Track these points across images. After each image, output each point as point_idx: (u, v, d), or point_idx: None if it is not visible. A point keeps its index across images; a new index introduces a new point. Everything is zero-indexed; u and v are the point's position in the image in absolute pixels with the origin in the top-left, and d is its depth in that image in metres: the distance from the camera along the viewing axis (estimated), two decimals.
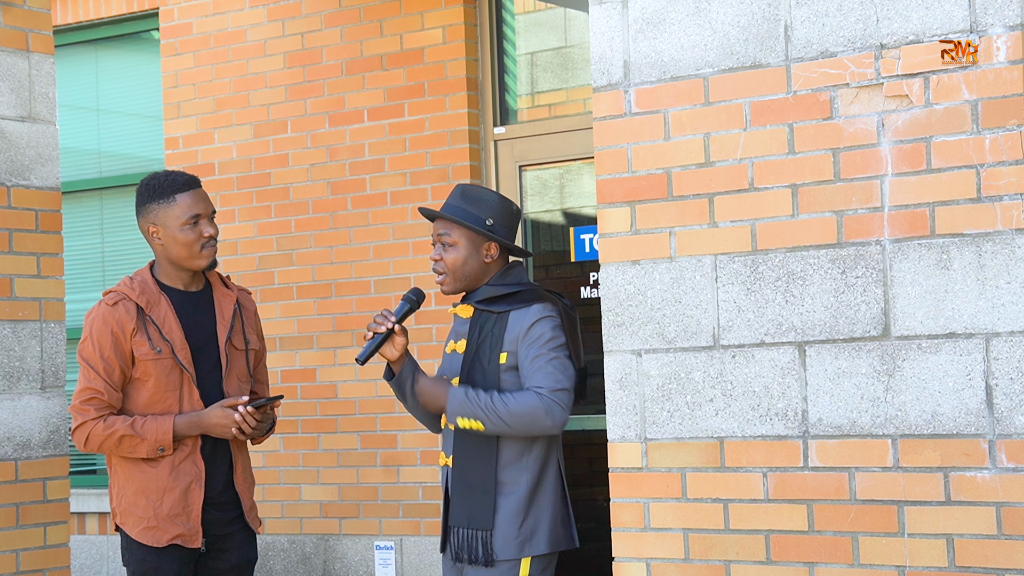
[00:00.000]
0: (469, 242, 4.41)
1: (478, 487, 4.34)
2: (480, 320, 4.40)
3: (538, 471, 4.35)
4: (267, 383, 5.01)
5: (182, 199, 4.73)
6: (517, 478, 4.33)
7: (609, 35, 4.10)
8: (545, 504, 4.35)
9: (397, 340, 4.44)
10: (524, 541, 4.31)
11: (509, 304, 4.35)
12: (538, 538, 4.33)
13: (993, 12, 3.58)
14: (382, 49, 7.84)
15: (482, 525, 4.32)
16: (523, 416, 4.24)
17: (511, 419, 4.24)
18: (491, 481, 4.33)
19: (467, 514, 4.35)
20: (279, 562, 8.15)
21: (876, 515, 3.71)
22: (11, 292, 5.62)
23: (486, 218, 4.39)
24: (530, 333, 4.29)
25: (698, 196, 3.97)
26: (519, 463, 4.34)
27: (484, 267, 4.42)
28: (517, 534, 4.31)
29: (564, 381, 4.28)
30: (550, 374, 4.26)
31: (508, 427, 4.25)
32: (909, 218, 3.68)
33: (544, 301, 4.35)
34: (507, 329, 4.32)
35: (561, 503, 4.39)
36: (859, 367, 3.74)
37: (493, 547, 4.31)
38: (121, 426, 4.66)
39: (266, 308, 8.07)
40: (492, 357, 4.33)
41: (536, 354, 4.28)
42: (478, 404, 4.26)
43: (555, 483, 4.39)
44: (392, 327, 4.41)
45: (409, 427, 7.63)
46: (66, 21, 9.07)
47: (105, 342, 4.67)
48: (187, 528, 4.70)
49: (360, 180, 7.89)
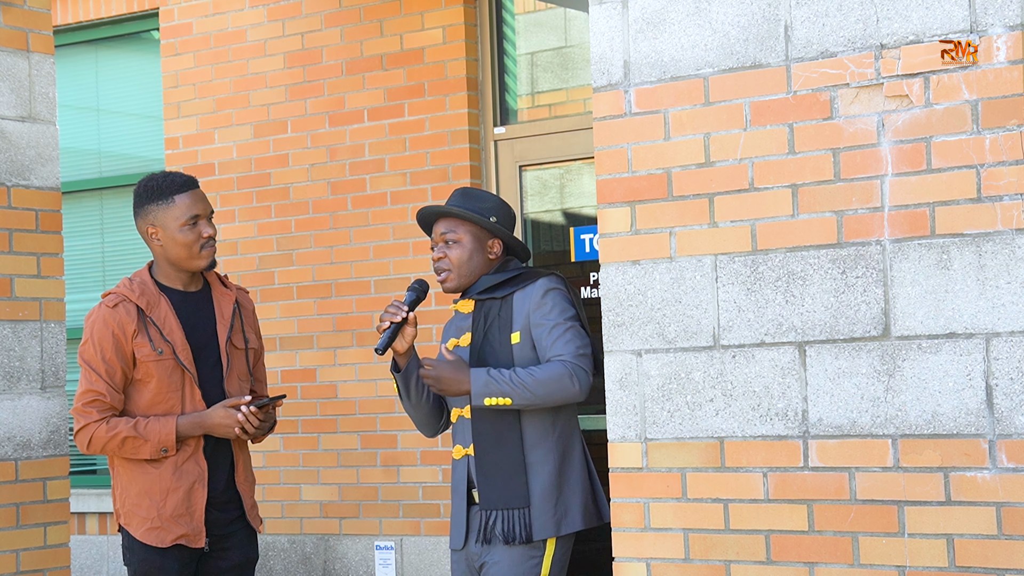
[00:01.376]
0: (474, 239, 4.46)
1: (507, 469, 4.41)
2: (484, 309, 4.44)
3: (563, 450, 4.44)
4: (266, 382, 5.02)
5: (180, 200, 4.73)
6: (544, 458, 4.41)
7: (609, 35, 4.10)
8: (575, 481, 4.45)
9: (407, 331, 4.49)
10: (560, 519, 4.42)
11: (511, 287, 4.40)
12: (573, 515, 4.43)
13: (993, 12, 3.58)
14: (382, 49, 7.84)
15: (519, 504, 4.39)
16: (549, 383, 4.31)
17: (538, 388, 4.31)
18: (520, 462, 4.40)
19: (501, 496, 4.41)
20: (279, 562, 8.15)
21: (876, 515, 3.71)
22: (11, 292, 5.62)
23: (490, 215, 4.46)
24: (542, 305, 4.36)
25: (698, 196, 3.97)
26: (544, 444, 4.41)
27: (488, 264, 4.48)
28: (553, 512, 4.40)
29: (584, 347, 4.37)
30: (570, 341, 4.35)
31: (536, 397, 4.32)
32: (909, 218, 3.68)
33: (549, 276, 4.43)
34: (514, 309, 4.37)
35: (588, 480, 4.49)
36: (859, 367, 3.74)
37: (531, 526, 4.37)
38: (124, 428, 4.66)
39: (266, 308, 8.08)
40: (503, 339, 4.37)
41: (553, 324, 4.35)
42: (503, 380, 4.31)
43: (581, 460, 4.49)
44: (406, 316, 4.44)
45: (409, 427, 7.62)
46: (66, 21, 9.07)
47: (106, 344, 4.67)
48: (191, 528, 4.70)
49: (360, 180, 7.89)
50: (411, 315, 4.47)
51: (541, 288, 4.37)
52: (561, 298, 4.38)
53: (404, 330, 4.47)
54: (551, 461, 4.41)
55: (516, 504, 4.39)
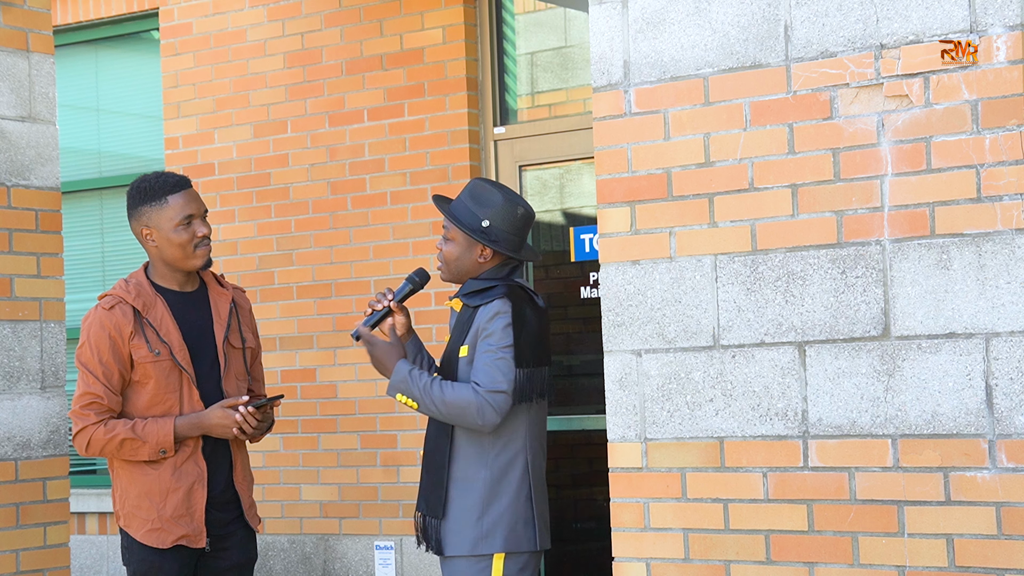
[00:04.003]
0: (464, 240, 4.46)
1: (434, 475, 4.42)
2: (463, 314, 4.45)
3: (499, 469, 4.36)
4: (263, 381, 5.01)
5: (174, 200, 4.73)
6: (475, 473, 4.37)
7: (609, 35, 4.10)
8: (507, 502, 4.36)
9: (397, 319, 4.50)
10: (480, 538, 4.34)
11: (481, 298, 4.40)
12: (495, 537, 4.34)
13: (993, 12, 3.58)
14: (382, 49, 7.84)
15: (435, 513, 4.39)
16: (455, 407, 4.30)
17: (444, 407, 4.31)
18: (444, 470, 4.38)
19: (424, 500, 4.43)
20: (279, 562, 8.15)
21: (876, 515, 3.71)
22: (11, 292, 5.62)
23: (483, 219, 4.40)
24: (486, 328, 4.34)
25: (698, 196, 3.97)
26: (479, 459, 4.36)
27: (477, 266, 4.46)
28: (473, 528, 4.33)
29: (502, 383, 4.30)
30: (490, 373, 4.30)
31: (440, 414, 4.34)
32: (909, 218, 3.68)
33: (504, 298, 4.36)
34: (473, 322, 4.38)
35: (526, 503, 4.39)
36: (859, 367, 3.74)
37: (444, 538, 4.34)
38: (122, 430, 4.65)
39: (266, 308, 8.07)
40: (457, 348, 4.39)
41: (484, 349, 4.34)
42: (417, 384, 4.33)
43: (519, 483, 4.39)
44: (389, 305, 4.46)
45: (409, 427, 7.63)
46: (66, 21, 9.07)
47: (103, 346, 4.67)
48: (191, 529, 4.70)
49: (360, 180, 7.89)
50: (394, 305, 4.49)
51: (492, 310, 4.35)
52: (502, 326, 4.31)
53: (395, 318, 4.51)
54: (481, 478, 4.35)
55: (432, 513, 4.39)
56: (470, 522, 4.34)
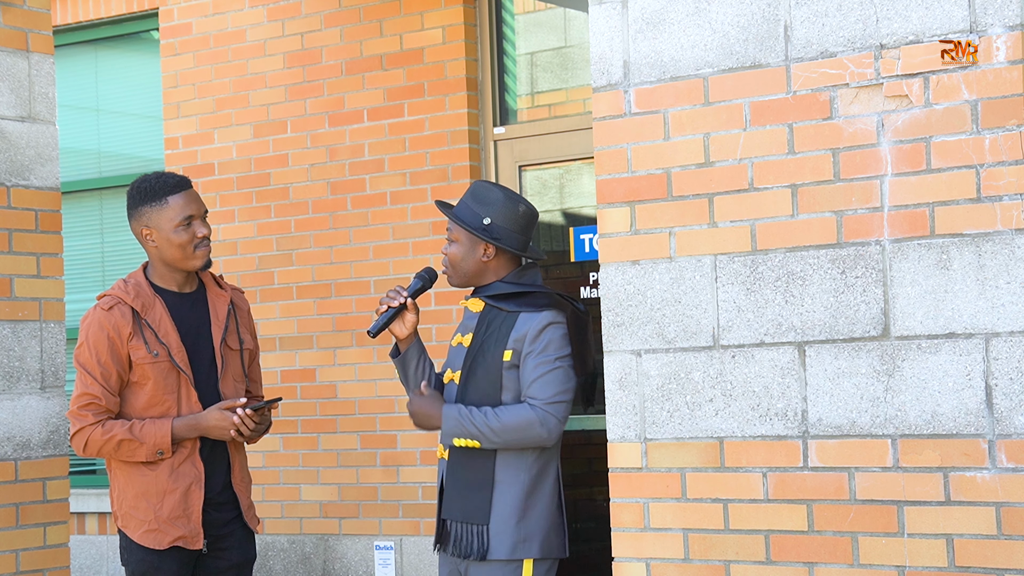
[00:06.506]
0: (467, 240, 4.44)
1: (474, 482, 4.35)
2: (489, 316, 4.42)
3: (536, 471, 4.35)
4: (261, 382, 5.01)
5: (174, 201, 4.73)
6: (515, 476, 4.33)
7: (609, 35, 4.10)
8: (542, 508, 4.35)
9: (408, 317, 4.50)
10: (519, 542, 4.31)
11: (520, 304, 4.37)
12: (533, 541, 4.32)
13: (993, 12, 3.58)
14: (382, 49, 7.84)
15: (478, 520, 4.32)
16: (517, 430, 4.27)
17: (506, 433, 4.26)
18: (488, 476, 4.33)
19: (462, 508, 4.36)
20: (279, 562, 8.15)
21: (876, 515, 3.71)
22: (11, 292, 5.62)
23: (484, 217, 4.40)
24: (538, 339, 4.30)
25: (698, 196, 3.97)
26: (518, 463, 4.34)
27: (483, 265, 4.44)
28: (514, 532, 4.31)
29: (562, 394, 4.31)
30: (549, 384, 4.28)
31: (504, 442, 4.28)
32: (909, 218, 3.68)
33: (555, 308, 4.36)
34: (514, 328, 4.34)
35: (557, 511, 4.39)
36: (859, 367, 3.74)
37: (489, 543, 4.31)
38: (119, 431, 4.65)
39: (266, 308, 8.08)
40: (496, 353, 4.34)
41: (539, 362, 4.29)
42: (471, 422, 4.29)
43: (552, 488, 4.39)
44: (404, 302, 4.45)
45: (409, 427, 7.62)
46: (66, 21, 9.07)
47: (101, 347, 4.66)
48: (188, 530, 4.70)
49: (360, 180, 7.89)
50: (410, 301, 4.49)
51: (543, 321, 4.32)
52: (559, 335, 4.31)
53: (404, 316, 4.50)
54: (521, 482, 4.33)
55: (475, 519, 4.32)
56: (510, 526, 4.31)
